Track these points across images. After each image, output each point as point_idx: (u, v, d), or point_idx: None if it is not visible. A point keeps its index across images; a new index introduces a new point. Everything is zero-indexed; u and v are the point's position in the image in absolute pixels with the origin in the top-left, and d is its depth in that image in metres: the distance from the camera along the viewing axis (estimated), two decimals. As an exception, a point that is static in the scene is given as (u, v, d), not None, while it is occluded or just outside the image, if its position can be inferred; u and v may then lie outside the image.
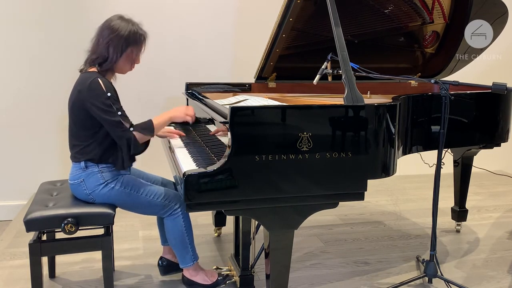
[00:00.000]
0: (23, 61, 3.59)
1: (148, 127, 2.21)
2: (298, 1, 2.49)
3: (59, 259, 2.68)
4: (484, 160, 3.44)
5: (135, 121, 2.60)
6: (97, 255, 2.29)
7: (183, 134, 2.65)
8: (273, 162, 1.89)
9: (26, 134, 3.66)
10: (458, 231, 3.30)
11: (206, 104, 2.46)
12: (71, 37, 3.60)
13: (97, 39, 2.20)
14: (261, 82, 3.04)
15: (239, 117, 1.88)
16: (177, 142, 2.52)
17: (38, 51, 3.60)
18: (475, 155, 3.11)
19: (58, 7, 3.60)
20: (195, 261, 2.35)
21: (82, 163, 2.19)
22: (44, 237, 2.30)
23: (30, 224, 2.09)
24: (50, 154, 3.71)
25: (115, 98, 2.16)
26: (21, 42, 3.56)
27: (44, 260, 2.37)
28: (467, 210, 3.26)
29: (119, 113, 2.13)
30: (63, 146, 2.25)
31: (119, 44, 2.16)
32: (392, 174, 2.16)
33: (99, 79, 2.12)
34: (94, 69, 2.20)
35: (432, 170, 2.44)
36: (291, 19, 2.61)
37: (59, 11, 3.60)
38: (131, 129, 2.15)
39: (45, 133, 3.68)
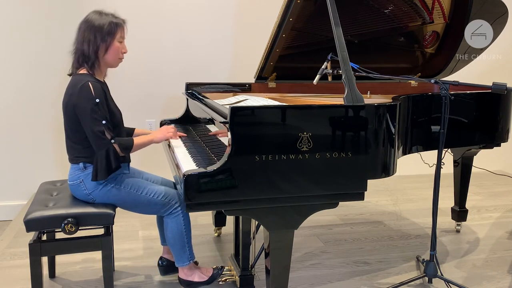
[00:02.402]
0: (23, 62, 3.59)
1: (128, 146, 2.16)
2: (298, 1, 2.49)
3: (59, 259, 2.68)
4: (484, 160, 3.44)
5: (134, 122, 2.61)
6: (97, 255, 2.29)
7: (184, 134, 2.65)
8: (273, 162, 1.89)
9: (26, 134, 3.66)
10: (458, 231, 3.30)
11: (206, 104, 2.46)
12: (71, 38, 3.59)
13: (76, 39, 2.20)
14: (261, 82, 3.04)
15: (239, 117, 1.88)
16: (177, 142, 2.52)
17: (39, 52, 3.60)
18: (475, 155, 3.11)
19: (57, 8, 3.60)
20: (191, 260, 2.36)
21: (81, 164, 2.19)
22: (44, 237, 2.30)
23: (30, 224, 2.09)
24: (50, 154, 3.72)
25: (104, 104, 2.11)
26: (21, 42, 3.56)
27: (44, 260, 2.37)
28: (467, 210, 3.26)
29: (104, 121, 2.08)
30: (63, 146, 2.25)
31: (92, 37, 2.14)
32: (392, 174, 2.16)
33: (89, 83, 2.09)
34: (84, 71, 2.17)
35: (432, 170, 2.43)
36: (291, 19, 2.61)
37: (58, 11, 3.60)
38: (112, 141, 2.11)
39: (45, 133, 3.68)
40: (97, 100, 2.08)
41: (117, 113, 2.25)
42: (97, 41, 2.15)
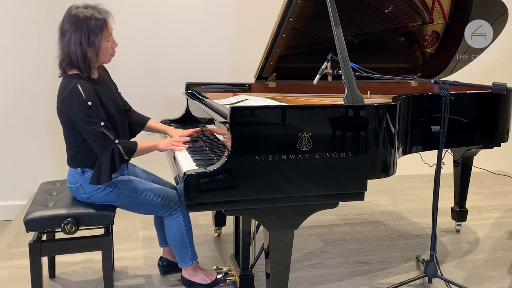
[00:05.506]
0: (23, 62, 3.59)
1: (131, 148, 2.09)
2: (298, 1, 2.49)
3: (59, 259, 2.68)
4: (484, 160, 3.44)
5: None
6: (97, 255, 2.29)
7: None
8: (273, 162, 1.89)
9: (26, 134, 3.66)
10: (458, 231, 3.30)
11: (206, 104, 2.46)
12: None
13: (60, 42, 2.06)
14: (261, 82, 3.04)
15: (239, 117, 1.88)
16: (177, 142, 2.52)
17: (38, 51, 3.59)
18: (475, 155, 3.11)
19: (56, 8, 3.59)
20: (194, 260, 2.35)
21: (79, 169, 2.16)
22: (44, 237, 2.30)
23: (30, 224, 2.09)
24: (50, 154, 3.71)
25: (98, 106, 2.01)
26: (21, 43, 3.56)
27: (44, 260, 2.37)
28: (467, 210, 3.26)
29: (102, 123, 2.00)
30: (63, 146, 2.25)
31: (78, 41, 1.99)
32: (392, 174, 2.16)
33: (78, 86, 1.98)
34: (74, 71, 2.06)
35: (432, 170, 2.43)
36: (291, 19, 2.61)
37: (57, 12, 3.59)
38: (116, 141, 2.04)
39: (45, 133, 3.68)
40: (89, 103, 1.98)
41: (114, 112, 2.13)
42: (83, 45, 2.00)
